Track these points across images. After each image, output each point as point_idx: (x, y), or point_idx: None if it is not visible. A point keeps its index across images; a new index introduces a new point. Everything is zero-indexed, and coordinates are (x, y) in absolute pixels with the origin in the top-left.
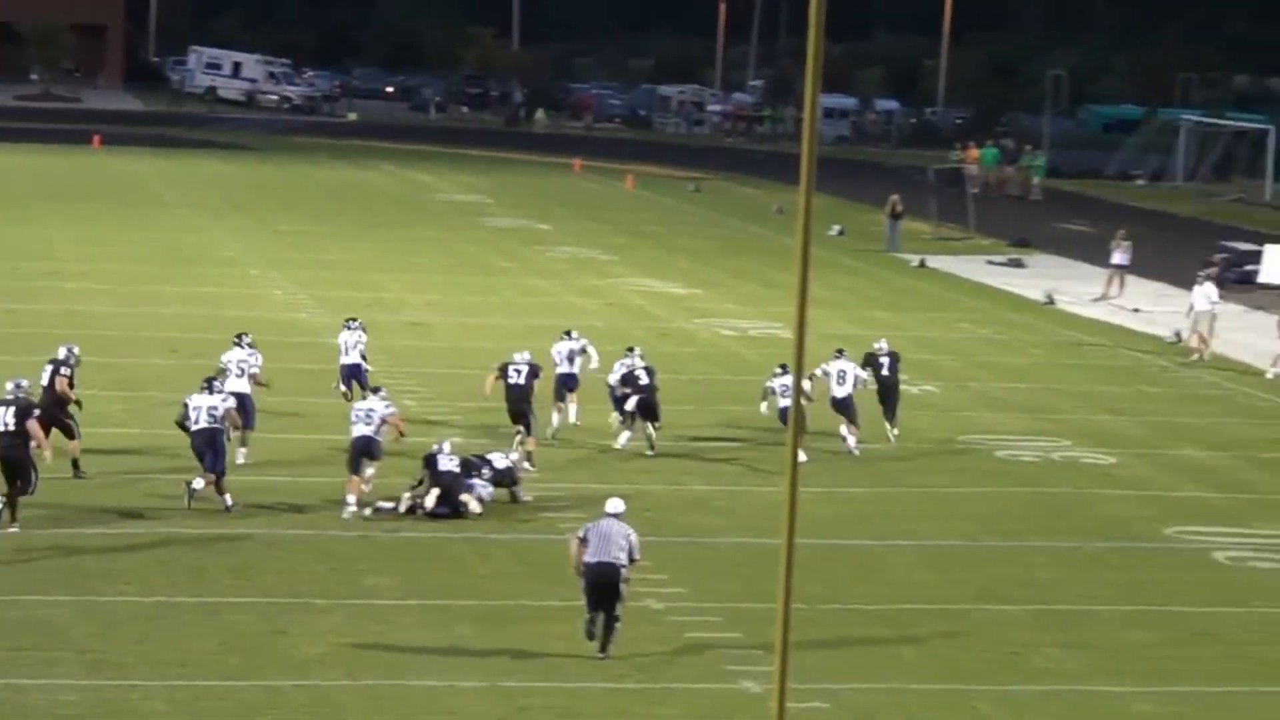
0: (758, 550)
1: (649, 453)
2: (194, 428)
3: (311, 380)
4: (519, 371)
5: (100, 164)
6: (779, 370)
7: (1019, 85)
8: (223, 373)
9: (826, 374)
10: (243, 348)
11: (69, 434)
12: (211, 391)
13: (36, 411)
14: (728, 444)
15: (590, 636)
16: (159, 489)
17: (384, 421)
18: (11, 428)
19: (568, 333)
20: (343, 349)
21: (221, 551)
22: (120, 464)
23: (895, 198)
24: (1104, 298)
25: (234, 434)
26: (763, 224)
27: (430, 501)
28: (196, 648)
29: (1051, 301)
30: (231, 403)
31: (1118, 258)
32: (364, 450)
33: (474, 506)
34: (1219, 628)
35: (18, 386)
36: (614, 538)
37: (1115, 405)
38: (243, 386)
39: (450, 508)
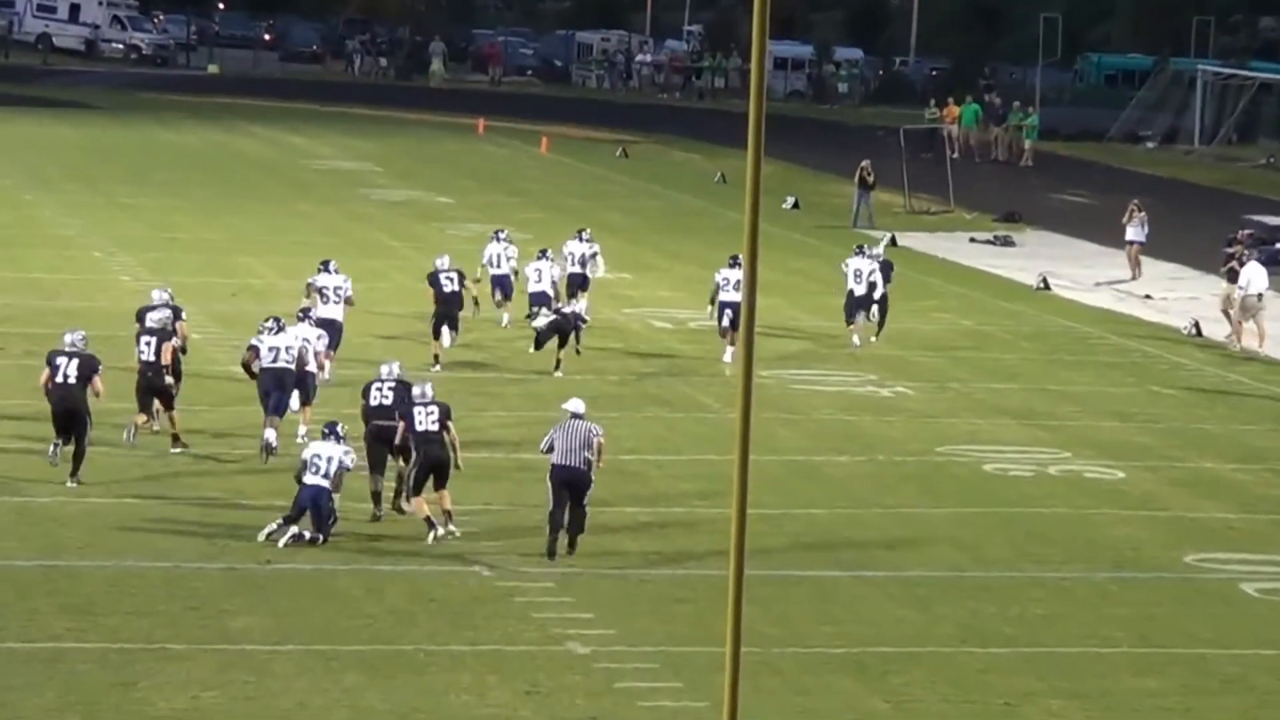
0: (699, 582)
1: (557, 374)
2: (264, 365)
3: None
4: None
5: None
6: (730, 261)
7: (1005, 30)
8: (319, 292)
9: (844, 269)
10: (331, 272)
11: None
12: (298, 325)
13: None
14: (662, 458)
15: (551, 554)
16: None
17: (341, 472)
18: (73, 380)
19: (580, 232)
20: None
21: (57, 587)
22: None
23: (865, 164)
24: (1135, 278)
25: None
26: (703, 195)
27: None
28: (30, 703)
29: (1046, 286)
30: (307, 345)
31: (1133, 232)
32: (314, 499)
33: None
34: (1248, 672)
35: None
36: (580, 438)
37: (1123, 409)
38: (336, 313)
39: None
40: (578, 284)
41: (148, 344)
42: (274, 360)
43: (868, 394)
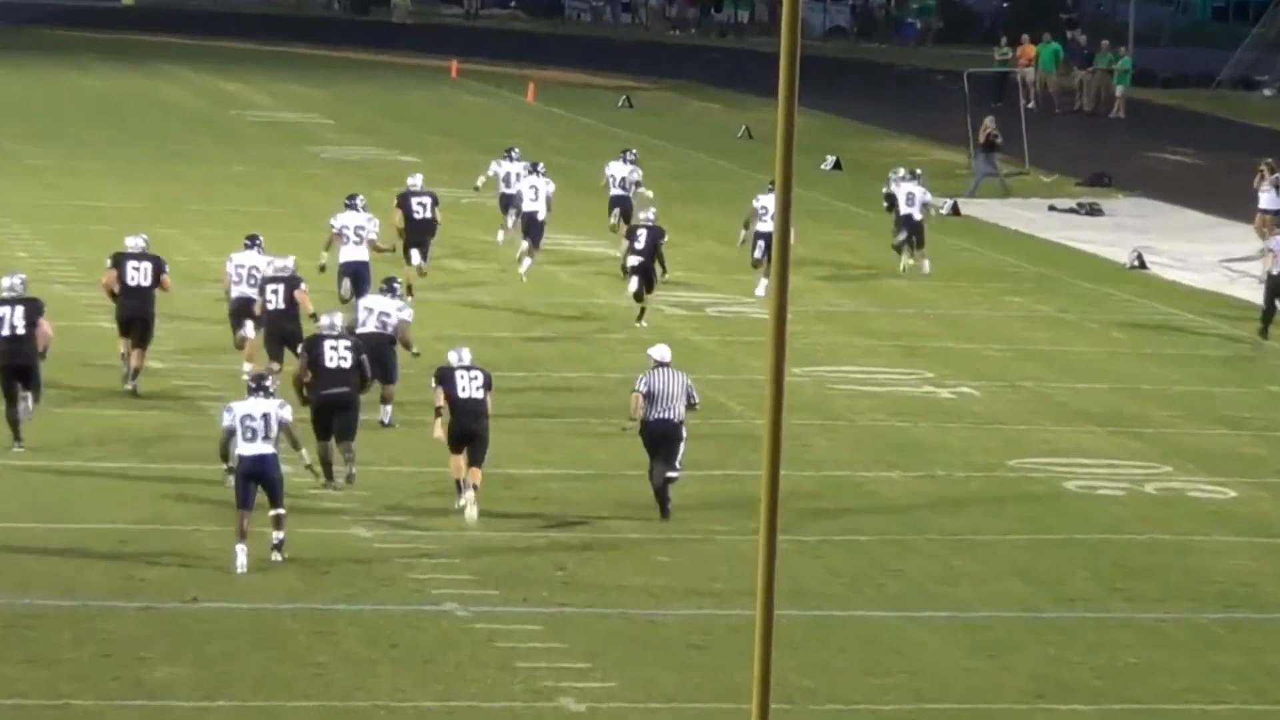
0: (719, 624)
1: (639, 324)
2: (360, 330)
3: (68, 375)
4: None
5: None
6: (768, 186)
7: None
8: (339, 234)
9: (894, 194)
10: (357, 209)
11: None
12: (392, 294)
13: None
14: (674, 473)
15: (657, 484)
16: None
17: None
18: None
19: (625, 152)
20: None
21: None
22: None
23: (989, 122)
24: (1266, 252)
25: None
26: (725, 153)
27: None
28: None
29: (1141, 264)
30: (409, 315)
31: (1267, 199)
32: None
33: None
34: None
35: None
36: (674, 389)
37: (1234, 415)
38: (362, 255)
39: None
40: (619, 206)
41: (274, 292)
42: (368, 324)
43: (924, 395)
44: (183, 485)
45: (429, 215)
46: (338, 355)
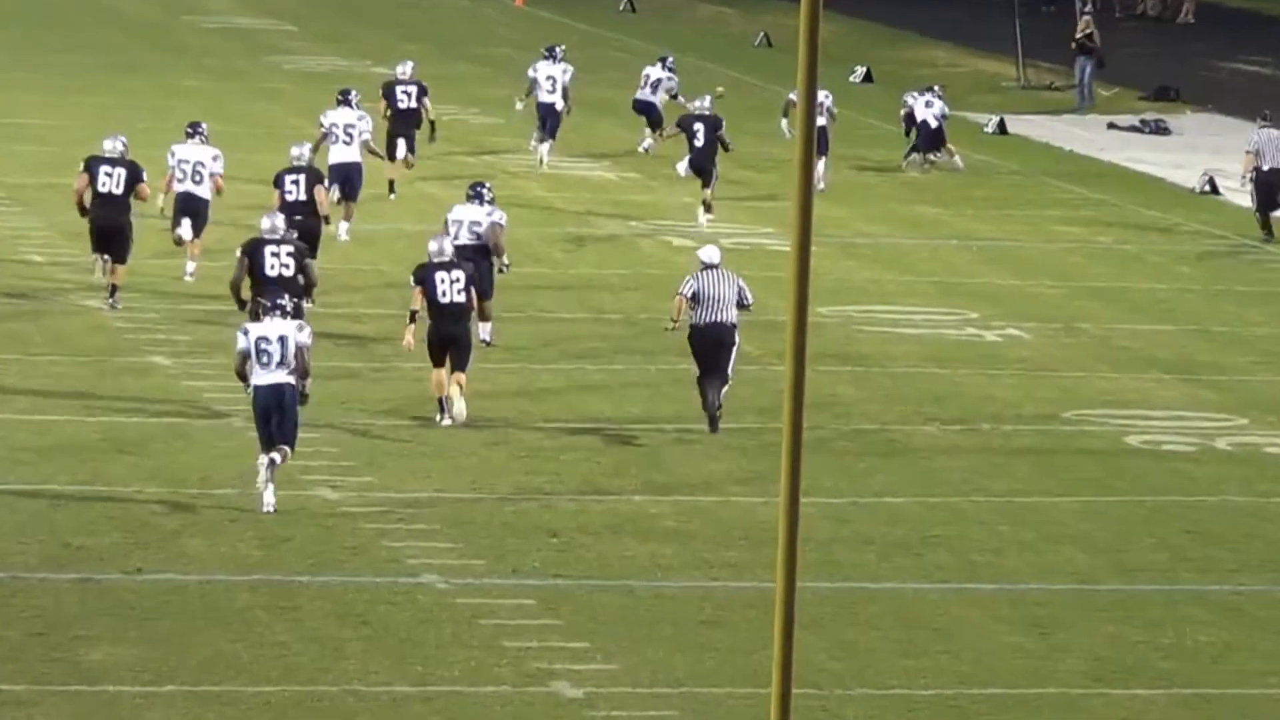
0: (734, 598)
1: (705, 218)
2: (455, 242)
3: None
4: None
5: None
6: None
7: None
8: (326, 137)
9: (912, 103)
10: (351, 106)
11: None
12: (480, 201)
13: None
14: (682, 428)
15: (713, 425)
16: None
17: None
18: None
19: (663, 59)
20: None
21: None
22: None
23: (1086, 22)
24: None
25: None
26: (739, 64)
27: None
28: None
29: (1213, 189)
30: (501, 218)
31: None
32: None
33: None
34: None
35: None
36: (724, 291)
37: None
38: (353, 156)
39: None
40: (641, 112)
41: (295, 184)
42: (460, 236)
43: (967, 338)
44: (122, 439)
45: (413, 105)
46: (279, 262)
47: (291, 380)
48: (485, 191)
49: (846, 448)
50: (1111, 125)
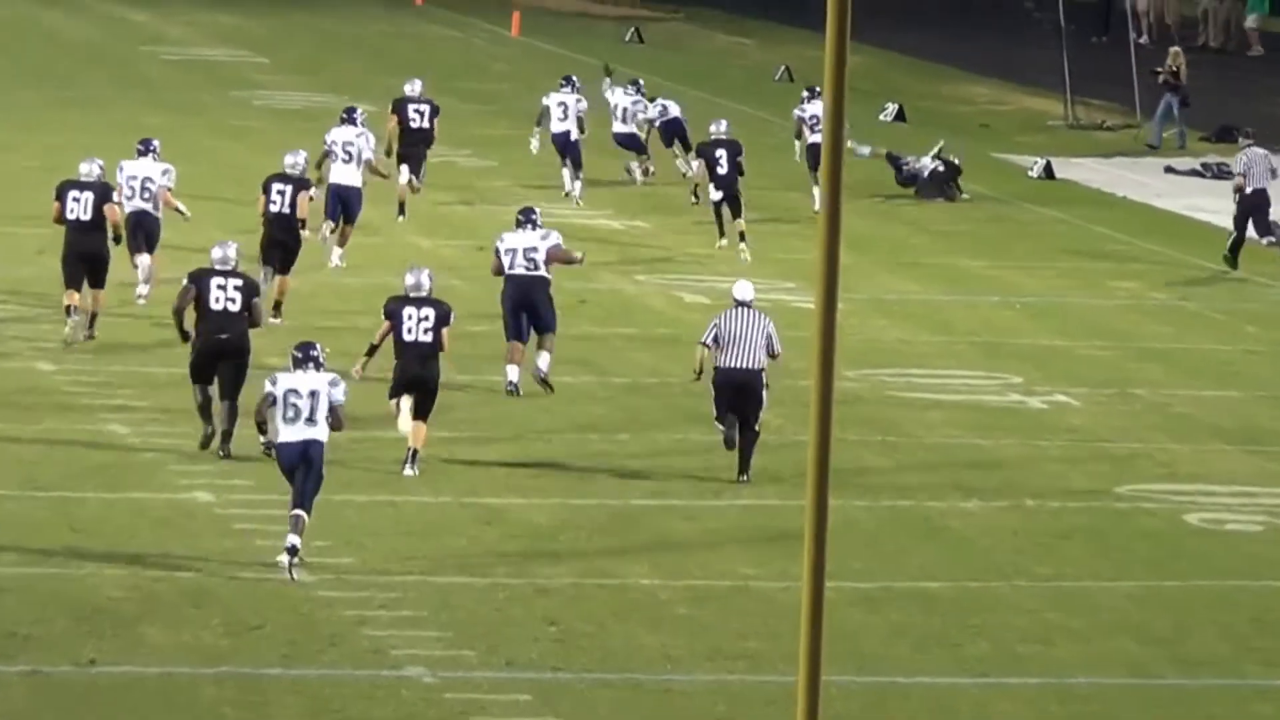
0: (752, 694)
1: (745, 252)
2: (509, 272)
3: None
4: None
5: None
6: (806, 95)
7: None
8: (328, 154)
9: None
10: (354, 124)
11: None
12: (533, 225)
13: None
14: (696, 504)
15: (731, 445)
16: None
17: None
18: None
19: (633, 83)
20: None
21: None
22: None
23: (1175, 53)
24: None
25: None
26: (758, 100)
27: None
28: None
29: None
30: (557, 238)
31: None
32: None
33: None
34: None
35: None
36: (751, 333)
37: None
38: (352, 178)
39: None
40: (627, 145)
41: (280, 193)
42: (514, 267)
43: (1010, 405)
44: (74, 516)
45: (425, 125)
46: (225, 296)
47: (320, 438)
48: (536, 215)
49: (877, 526)
50: (1169, 169)
